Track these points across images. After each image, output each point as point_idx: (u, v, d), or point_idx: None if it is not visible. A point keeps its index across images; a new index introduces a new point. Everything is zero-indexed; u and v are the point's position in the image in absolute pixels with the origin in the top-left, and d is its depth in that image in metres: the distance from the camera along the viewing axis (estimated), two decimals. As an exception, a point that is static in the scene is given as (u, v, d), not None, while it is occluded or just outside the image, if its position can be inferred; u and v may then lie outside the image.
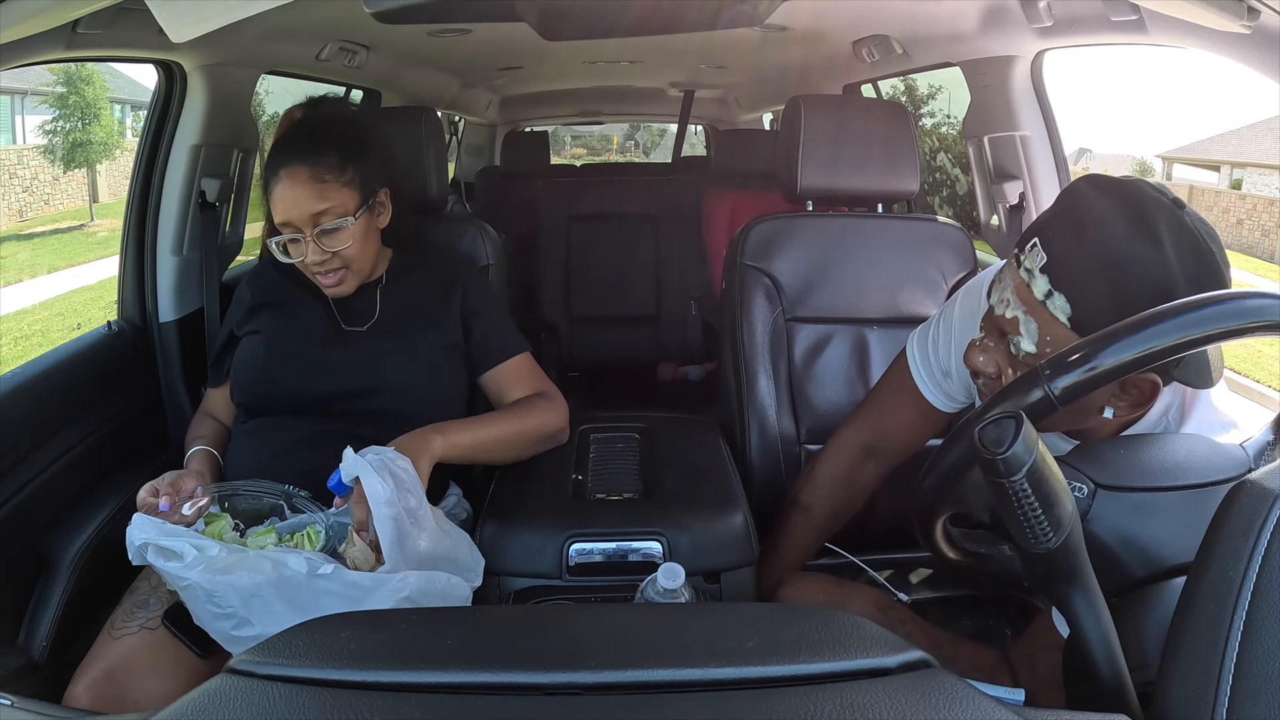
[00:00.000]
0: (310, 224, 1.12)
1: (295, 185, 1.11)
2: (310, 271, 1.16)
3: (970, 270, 1.47)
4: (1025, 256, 0.80)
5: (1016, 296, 0.80)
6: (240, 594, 0.87)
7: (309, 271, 1.16)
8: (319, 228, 1.12)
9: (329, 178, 1.12)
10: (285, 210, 1.11)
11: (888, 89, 2.63)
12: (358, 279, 1.18)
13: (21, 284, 7.18)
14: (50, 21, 0.95)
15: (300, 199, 1.11)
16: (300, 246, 1.13)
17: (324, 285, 1.17)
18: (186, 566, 0.87)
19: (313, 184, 1.11)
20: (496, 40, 2.18)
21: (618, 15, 1.51)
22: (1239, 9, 0.84)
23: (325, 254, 1.12)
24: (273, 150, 1.17)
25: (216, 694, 0.45)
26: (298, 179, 1.11)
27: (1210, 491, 0.63)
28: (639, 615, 0.66)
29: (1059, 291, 0.76)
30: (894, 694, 0.45)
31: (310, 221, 1.11)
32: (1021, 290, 0.79)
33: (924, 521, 0.71)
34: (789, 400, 1.43)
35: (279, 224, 1.12)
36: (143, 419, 1.51)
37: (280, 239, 1.13)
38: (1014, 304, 0.80)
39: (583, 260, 2.78)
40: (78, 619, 1.23)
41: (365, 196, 1.16)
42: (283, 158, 1.13)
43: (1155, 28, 1.13)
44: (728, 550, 1.13)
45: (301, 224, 1.12)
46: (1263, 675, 0.44)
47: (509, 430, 1.18)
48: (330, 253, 1.13)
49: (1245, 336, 0.59)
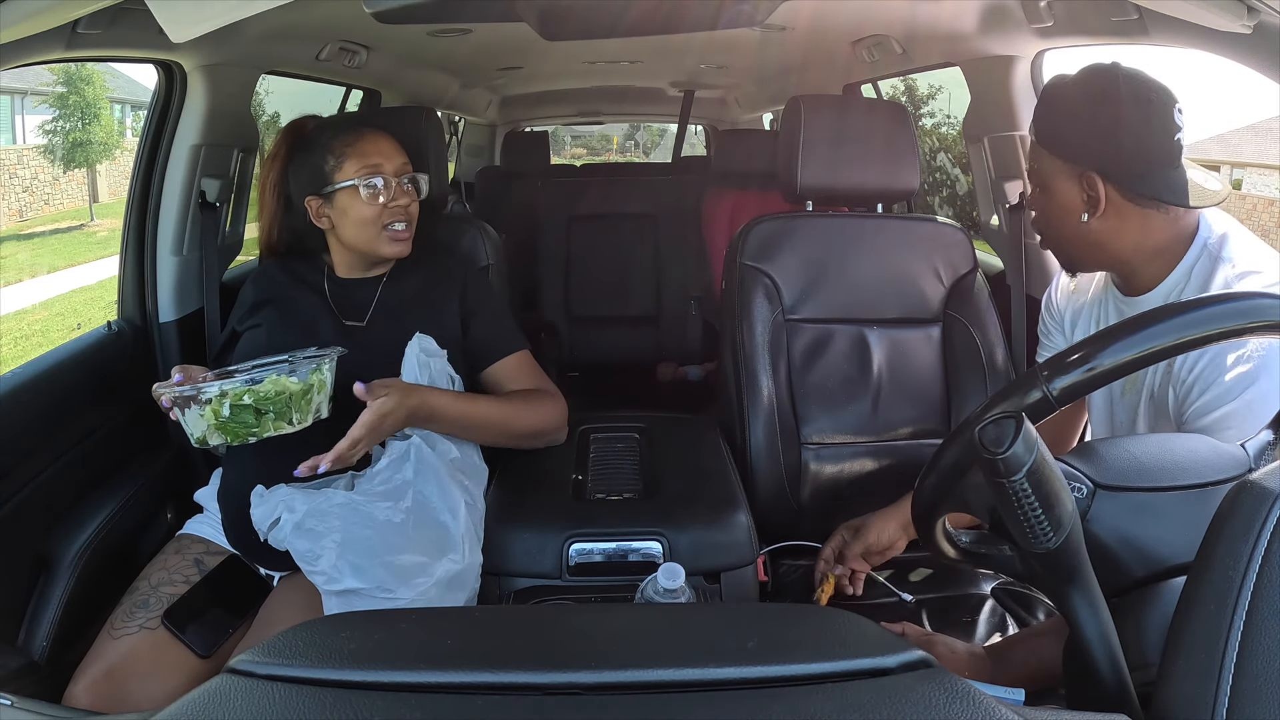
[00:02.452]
0: (398, 172, 1.21)
1: (385, 139, 1.23)
2: (381, 226, 1.20)
3: (970, 269, 1.47)
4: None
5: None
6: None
7: (377, 228, 1.20)
8: (406, 176, 1.22)
9: (401, 145, 1.24)
10: (382, 154, 1.21)
11: (888, 89, 2.63)
12: (411, 245, 1.24)
13: (21, 284, 7.18)
14: (50, 21, 0.95)
15: (391, 149, 1.22)
16: (388, 191, 1.20)
17: (397, 238, 1.22)
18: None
19: (396, 142, 1.24)
20: (496, 40, 2.18)
21: (618, 15, 1.51)
22: (1239, 9, 0.84)
23: (410, 198, 1.22)
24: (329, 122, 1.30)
25: (216, 694, 0.45)
26: (384, 135, 1.23)
27: (1210, 491, 0.63)
28: (639, 615, 0.66)
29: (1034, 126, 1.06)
30: (894, 694, 0.45)
31: (399, 170, 1.21)
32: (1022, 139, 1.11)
33: (923, 522, 0.71)
34: (789, 400, 1.43)
35: (368, 166, 1.19)
36: (143, 419, 1.51)
37: (370, 180, 1.19)
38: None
39: (583, 260, 2.78)
40: (78, 619, 1.23)
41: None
42: (358, 122, 1.27)
43: (1155, 28, 1.13)
44: (728, 550, 1.13)
45: (392, 171, 1.21)
46: (1263, 675, 0.44)
47: (499, 413, 1.19)
48: (411, 200, 1.23)
49: (1245, 336, 0.59)
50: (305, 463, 1.01)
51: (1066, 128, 1.00)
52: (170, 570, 1.14)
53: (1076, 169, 0.99)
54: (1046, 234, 1.09)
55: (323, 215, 1.21)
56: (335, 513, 1.00)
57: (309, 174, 1.21)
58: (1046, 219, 1.06)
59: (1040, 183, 1.05)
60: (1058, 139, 1.01)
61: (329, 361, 1.05)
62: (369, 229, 1.20)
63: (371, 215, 1.19)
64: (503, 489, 1.22)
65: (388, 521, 1.02)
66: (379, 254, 1.22)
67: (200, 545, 1.19)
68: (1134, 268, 1.03)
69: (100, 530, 1.29)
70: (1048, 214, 1.06)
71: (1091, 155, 0.98)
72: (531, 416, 1.22)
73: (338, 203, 1.20)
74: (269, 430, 1.00)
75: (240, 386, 0.98)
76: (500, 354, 1.26)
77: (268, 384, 0.99)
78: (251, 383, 1.00)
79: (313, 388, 1.01)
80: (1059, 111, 1.02)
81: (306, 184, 1.21)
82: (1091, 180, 0.99)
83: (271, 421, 1.00)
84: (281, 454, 1.08)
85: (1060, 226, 1.04)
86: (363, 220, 1.19)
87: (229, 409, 0.98)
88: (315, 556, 0.98)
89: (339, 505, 1.01)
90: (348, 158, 1.19)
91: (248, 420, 0.99)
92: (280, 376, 0.99)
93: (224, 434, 1.00)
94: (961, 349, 1.44)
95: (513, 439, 1.23)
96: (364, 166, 1.19)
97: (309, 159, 1.21)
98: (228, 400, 0.98)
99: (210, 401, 0.98)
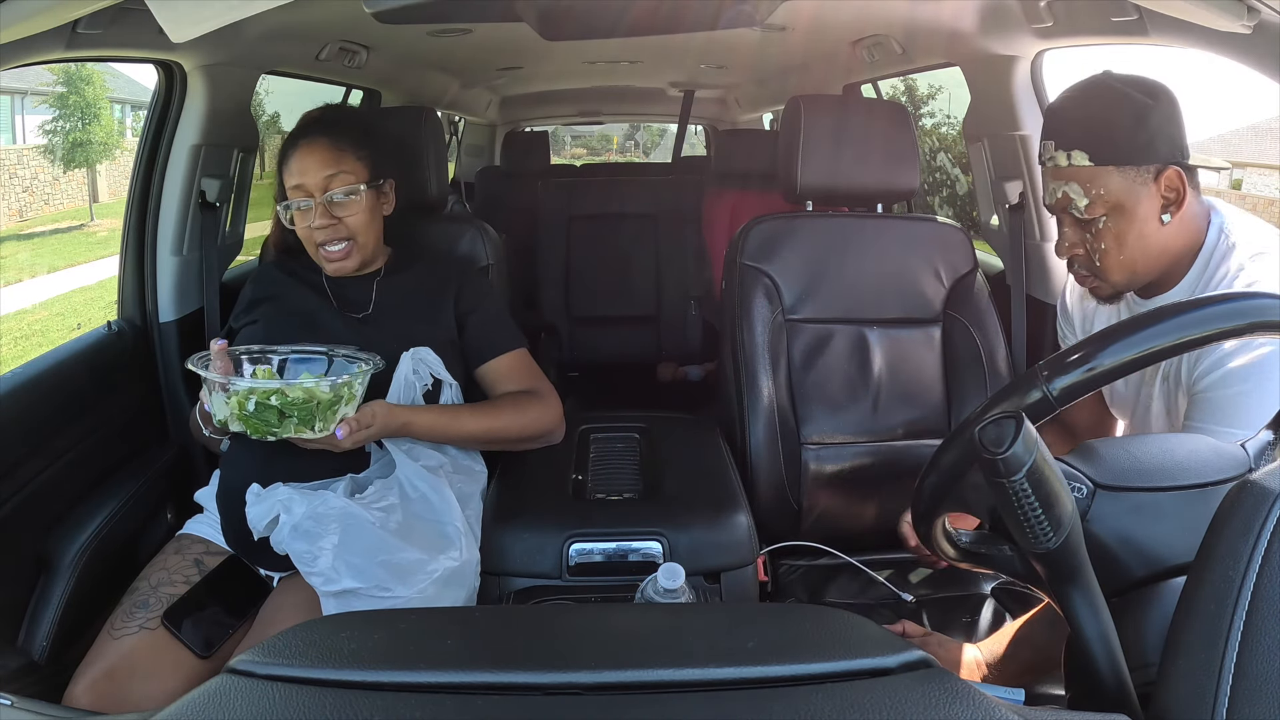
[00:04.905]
0: (321, 189, 1.16)
1: (313, 151, 1.17)
2: (316, 244, 1.18)
3: (970, 270, 1.47)
4: (1045, 156, 1.04)
5: (1051, 179, 1.04)
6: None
7: (314, 246, 1.18)
8: (329, 194, 1.16)
9: (345, 147, 1.18)
10: (300, 174, 1.16)
11: (888, 89, 2.62)
12: (361, 256, 1.21)
13: (21, 284, 7.18)
14: (50, 21, 0.95)
15: (316, 164, 1.16)
16: (309, 214, 1.17)
17: (330, 259, 1.19)
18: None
19: (330, 150, 1.17)
20: (496, 40, 2.18)
21: (618, 15, 1.51)
22: (1239, 9, 0.84)
23: (333, 220, 1.17)
24: (293, 131, 1.22)
25: (216, 694, 0.45)
26: (315, 145, 1.17)
27: (1210, 491, 0.63)
28: (639, 615, 0.66)
29: (1071, 149, 1.01)
30: (894, 694, 0.45)
31: (322, 186, 1.16)
32: (1054, 173, 1.03)
33: (923, 522, 0.71)
34: (789, 400, 1.43)
35: (291, 188, 1.17)
36: (143, 419, 1.51)
37: (291, 203, 1.16)
38: (1054, 186, 1.04)
39: (583, 260, 2.78)
40: (78, 619, 1.23)
41: (375, 175, 1.21)
42: (302, 132, 1.20)
43: (1155, 28, 1.12)
44: (728, 550, 1.13)
45: (314, 188, 1.16)
46: (1263, 675, 0.44)
47: (481, 426, 1.19)
48: (337, 219, 1.17)
49: (1245, 336, 0.59)
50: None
51: (1129, 133, 0.98)
52: (170, 570, 1.14)
53: (1151, 170, 0.98)
54: (1120, 260, 1.02)
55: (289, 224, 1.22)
56: (332, 514, 1.00)
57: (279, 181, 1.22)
58: (1122, 241, 1.01)
59: (1112, 204, 1.00)
60: (1123, 148, 0.98)
61: (363, 375, 1.04)
62: (310, 247, 1.20)
63: (305, 235, 1.19)
64: (502, 489, 1.22)
65: (385, 521, 1.02)
66: (327, 270, 1.22)
67: (200, 545, 1.19)
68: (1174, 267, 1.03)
69: (100, 530, 1.29)
70: (1125, 236, 1.00)
71: (1162, 149, 0.98)
72: (519, 422, 1.22)
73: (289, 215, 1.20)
74: (289, 432, 0.99)
75: (272, 386, 0.98)
76: (496, 351, 1.26)
77: (298, 389, 0.98)
78: (282, 371, 1.01)
79: (341, 399, 1.01)
80: (1113, 121, 0.99)
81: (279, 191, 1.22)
82: (1170, 176, 0.98)
83: (294, 425, 0.99)
84: (280, 455, 1.09)
85: (1141, 242, 1.00)
86: (303, 238, 1.19)
87: (254, 405, 0.98)
88: (313, 558, 0.98)
89: (336, 507, 1.01)
90: (283, 173, 1.18)
91: (270, 420, 0.98)
92: (313, 385, 0.98)
93: (245, 426, 0.99)
94: (961, 349, 1.44)
95: (503, 445, 1.24)
96: (290, 186, 1.17)
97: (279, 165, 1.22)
98: (254, 397, 0.98)
99: (239, 393, 0.98)
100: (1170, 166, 0.98)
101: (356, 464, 1.12)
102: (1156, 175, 0.98)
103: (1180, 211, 0.99)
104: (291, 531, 0.99)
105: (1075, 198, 1.01)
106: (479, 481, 1.20)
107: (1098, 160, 0.99)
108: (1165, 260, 1.02)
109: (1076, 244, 1.05)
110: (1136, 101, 0.98)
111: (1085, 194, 1.00)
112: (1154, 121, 0.98)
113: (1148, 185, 0.98)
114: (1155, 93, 0.98)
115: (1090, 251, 1.04)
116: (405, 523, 1.03)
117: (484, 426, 1.19)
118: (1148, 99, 0.98)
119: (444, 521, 1.06)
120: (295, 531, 0.99)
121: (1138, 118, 0.98)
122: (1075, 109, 1.03)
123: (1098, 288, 1.07)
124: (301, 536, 0.99)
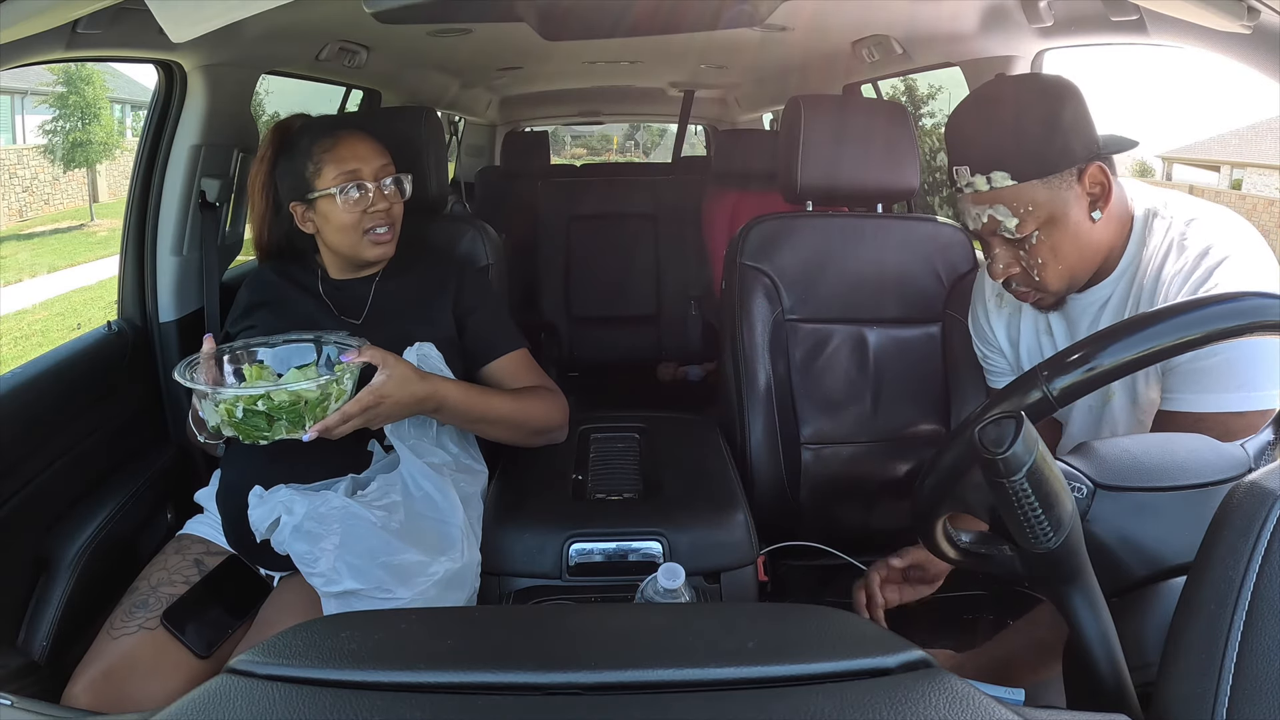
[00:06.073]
0: (375, 177, 1.20)
1: (364, 140, 1.21)
2: (362, 230, 1.20)
3: (970, 269, 1.47)
4: (962, 183, 0.99)
5: (974, 205, 0.99)
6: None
7: (358, 233, 1.20)
8: (381, 181, 1.20)
9: (380, 142, 1.23)
10: (356, 159, 1.19)
11: (888, 89, 2.62)
12: (395, 245, 1.24)
13: (21, 284, 7.19)
14: (50, 21, 0.95)
15: (370, 152, 1.21)
16: (364, 198, 1.19)
17: (379, 241, 1.21)
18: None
19: (375, 142, 1.22)
20: (496, 40, 2.18)
21: (618, 15, 1.51)
22: (1239, 9, 0.84)
23: (391, 201, 1.21)
24: (310, 124, 1.26)
25: (216, 694, 0.45)
26: (361, 137, 1.21)
27: (1210, 491, 0.63)
28: (639, 615, 0.66)
29: (990, 171, 0.96)
30: (894, 694, 0.45)
31: (376, 174, 1.20)
32: (975, 199, 0.99)
33: (923, 522, 0.71)
34: (789, 400, 1.43)
35: (345, 172, 1.18)
36: (143, 419, 1.51)
37: (347, 186, 1.18)
38: (978, 212, 0.99)
39: (583, 260, 2.78)
40: (78, 619, 1.23)
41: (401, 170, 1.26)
42: (338, 125, 1.24)
43: (1155, 28, 1.13)
44: (728, 550, 1.13)
45: (371, 174, 1.20)
46: (1263, 675, 0.44)
47: (508, 408, 1.19)
48: (392, 203, 1.21)
49: (1245, 336, 0.59)
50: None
51: (1044, 141, 0.95)
52: (170, 570, 1.14)
53: (1073, 172, 0.95)
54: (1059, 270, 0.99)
55: (307, 220, 1.22)
56: (333, 515, 1.00)
57: (292, 179, 1.21)
58: (1058, 251, 0.98)
59: (1043, 218, 0.96)
60: (1042, 158, 0.95)
61: (351, 370, 1.03)
62: (351, 234, 1.20)
63: (352, 221, 1.19)
64: (502, 489, 1.22)
65: (385, 522, 1.02)
66: (362, 258, 1.22)
67: (200, 545, 1.19)
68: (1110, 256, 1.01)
69: (100, 530, 1.29)
70: (1060, 245, 0.97)
71: (1078, 149, 0.95)
72: (537, 412, 1.22)
73: (319, 208, 1.20)
74: (281, 435, 1.00)
75: (258, 392, 0.98)
76: (499, 352, 1.25)
77: (284, 393, 0.98)
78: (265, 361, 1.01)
79: (330, 396, 1.01)
80: (1025, 132, 0.96)
81: (290, 189, 1.21)
82: (1093, 172, 0.95)
83: (284, 428, 0.99)
84: (281, 456, 1.09)
85: (1076, 246, 0.98)
86: (344, 226, 1.19)
87: (242, 411, 0.98)
88: (314, 559, 0.98)
89: (337, 508, 1.01)
90: (326, 163, 1.19)
91: (259, 425, 0.98)
92: (299, 386, 0.98)
93: (236, 432, 0.99)
94: (961, 349, 1.43)
95: (520, 434, 1.22)
96: (342, 173, 1.18)
97: (292, 164, 1.21)
98: (241, 404, 0.98)
99: (226, 401, 0.98)
100: (1091, 163, 0.95)
101: (358, 464, 1.12)
102: (1080, 175, 0.95)
103: (1109, 205, 0.96)
104: (293, 532, 0.99)
105: (1003, 219, 0.97)
106: (480, 481, 1.19)
107: (1020, 177, 0.95)
108: (1101, 255, 1.00)
109: (1011, 263, 1.01)
110: (1042, 106, 0.95)
111: (1014, 213, 0.96)
112: (1065, 122, 0.95)
113: (1073, 188, 0.95)
114: (1058, 92, 0.95)
115: (1027, 268, 1.00)
116: (408, 522, 1.03)
117: (512, 409, 1.19)
118: (1053, 100, 0.95)
119: (447, 521, 1.06)
120: (296, 532, 0.99)
121: (1049, 123, 0.94)
122: (980, 128, 0.99)
123: (1040, 300, 1.04)
124: (302, 537, 0.99)
